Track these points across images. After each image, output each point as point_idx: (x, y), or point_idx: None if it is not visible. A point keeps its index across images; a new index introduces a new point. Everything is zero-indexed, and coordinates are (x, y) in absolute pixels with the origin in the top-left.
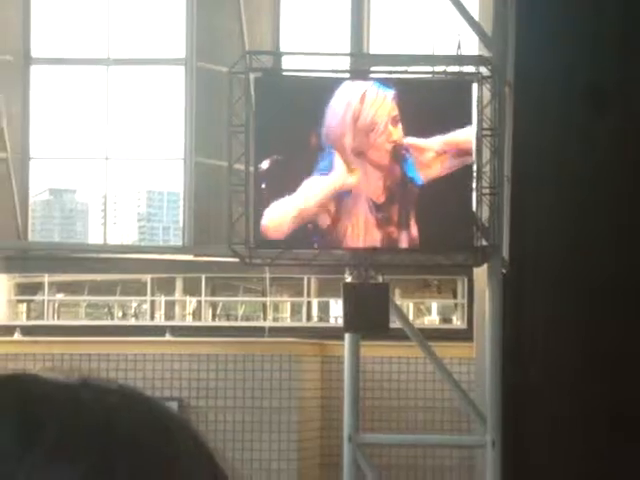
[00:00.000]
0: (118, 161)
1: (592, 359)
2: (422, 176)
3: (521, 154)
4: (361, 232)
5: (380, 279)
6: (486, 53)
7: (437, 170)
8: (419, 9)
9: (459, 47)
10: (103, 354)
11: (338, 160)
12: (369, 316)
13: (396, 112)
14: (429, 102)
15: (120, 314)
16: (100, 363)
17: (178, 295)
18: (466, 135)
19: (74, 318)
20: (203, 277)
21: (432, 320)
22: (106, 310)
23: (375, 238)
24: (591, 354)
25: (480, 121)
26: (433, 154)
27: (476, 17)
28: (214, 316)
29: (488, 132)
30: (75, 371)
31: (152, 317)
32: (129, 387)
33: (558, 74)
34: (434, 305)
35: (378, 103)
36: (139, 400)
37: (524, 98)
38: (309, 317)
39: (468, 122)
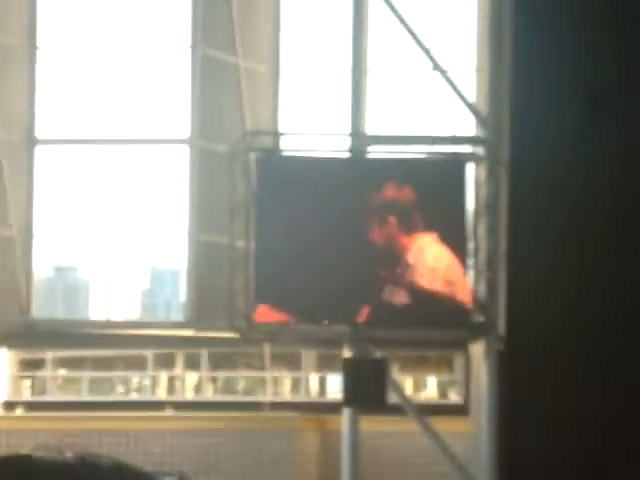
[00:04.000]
0: (121, 238)
1: (591, 435)
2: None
3: (516, 231)
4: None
5: (378, 354)
6: (482, 134)
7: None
8: (416, 91)
9: (456, 129)
10: (105, 429)
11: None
12: (368, 391)
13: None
14: (425, 183)
15: (122, 389)
16: (102, 438)
17: (179, 370)
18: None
19: (76, 393)
20: (204, 352)
21: (430, 395)
22: (108, 386)
23: (374, 314)
24: (590, 430)
25: (476, 200)
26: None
27: (472, 98)
28: (215, 391)
29: (484, 211)
30: (72, 448)
31: (153, 392)
32: (124, 464)
33: (552, 153)
34: (432, 380)
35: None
36: (135, 477)
37: (519, 177)
38: (308, 392)
39: (462, 201)
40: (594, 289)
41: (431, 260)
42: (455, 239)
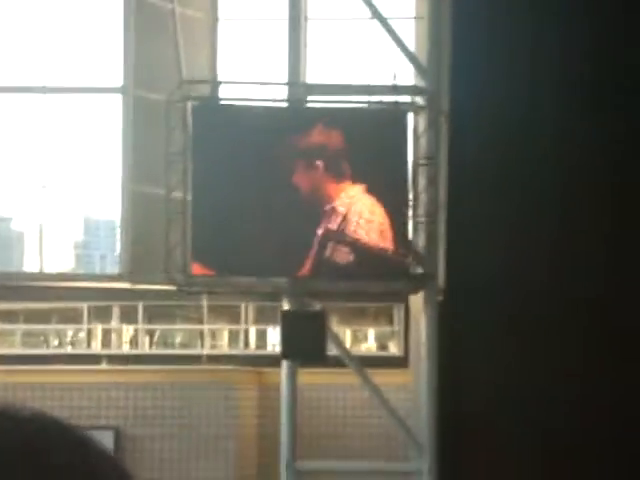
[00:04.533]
0: (54, 189)
1: (529, 386)
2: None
3: (457, 183)
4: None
5: (317, 306)
6: (422, 83)
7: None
8: (356, 39)
9: (395, 77)
10: (38, 383)
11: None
12: (307, 344)
13: (335, 146)
14: (365, 131)
15: (56, 342)
16: (35, 392)
17: (115, 323)
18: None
19: (9, 347)
20: (140, 305)
21: (369, 347)
22: (42, 338)
23: (312, 265)
24: (528, 381)
25: (416, 150)
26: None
27: (412, 48)
28: (151, 344)
29: (424, 161)
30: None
31: (89, 345)
32: (44, 415)
33: (493, 103)
34: (371, 332)
35: (320, 136)
36: (55, 427)
37: (459, 128)
38: (247, 345)
39: (404, 151)
40: (534, 239)
41: (366, 211)
42: (395, 189)
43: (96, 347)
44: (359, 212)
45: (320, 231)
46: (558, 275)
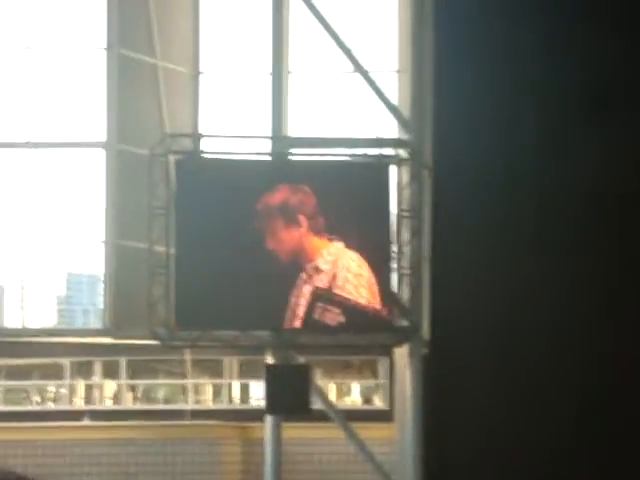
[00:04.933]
0: (37, 244)
1: (518, 439)
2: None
3: (440, 235)
4: (281, 312)
5: (301, 360)
6: (405, 136)
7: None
8: (338, 93)
9: (378, 131)
10: (21, 440)
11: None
12: (291, 398)
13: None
14: (348, 185)
15: (38, 399)
16: (17, 449)
17: (97, 379)
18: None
19: None
20: (123, 360)
21: (354, 400)
22: (24, 395)
23: (296, 319)
24: (517, 433)
25: (400, 203)
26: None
27: (394, 101)
28: (134, 399)
29: (407, 214)
30: None
31: (71, 401)
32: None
33: (477, 155)
34: (356, 386)
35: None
36: None
37: (443, 180)
38: (230, 399)
39: (387, 204)
40: (521, 291)
41: (354, 266)
42: (378, 243)
43: (78, 403)
44: (346, 267)
45: (308, 289)
46: (546, 323)
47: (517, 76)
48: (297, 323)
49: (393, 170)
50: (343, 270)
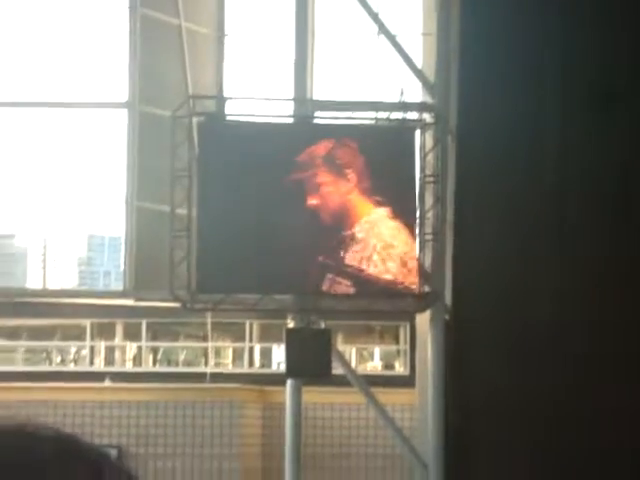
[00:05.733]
0: (59, 205)
1: (536, 405)
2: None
3: (463, 201)
4: (304, 276)
5: (322, 324)
6: (429, 100)
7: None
8: (363, 56)
9: (402, 94)
10: (42, 400)
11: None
12: (311, 362)
13: (344, 160)
14: (373, 149)
15: (59, 359)
16: (39, 409)
17: (118, 340)
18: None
19: (11, 364)
20: (144, 322)
21: (374, 366)
22: (44, 355)
23: (318, 283)
24: (535, 400)
25: (423, 168)
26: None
27: (419, 65)
28: (155, 362)
29: (431, 179)
30: (10, 419)
31: (92, 363)
32: (66, 434)
33: (500, 122)
34: (377, 351)
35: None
36: (72, 448)
37: (466, 145)
38: (251, 363)
39: (412, 169)
40: (541, 258)
41: (387, 237)
42: (404, 207)
43: (99, 364)
44: (379, 236)
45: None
46: (563, 295)
47: (544, 43)
48: (314, 282)
49: (417, 134)
50: (375, 239)
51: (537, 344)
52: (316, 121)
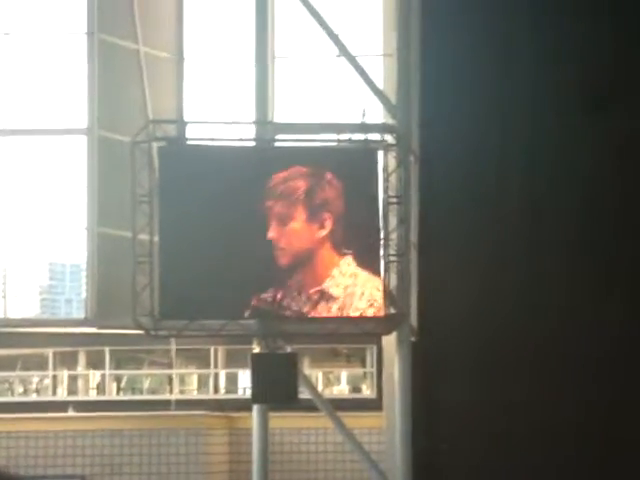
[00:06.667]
0: (18, 233)
1: (503, 423)
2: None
3: (427, 221)
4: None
5: (288, 349)
6: (391, 121)
7: None
8: (324, 77)
9: (364, 115)
10: (4, 431)
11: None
12: (278, 387)
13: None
14: (335, 171)
15: (21, 390)
16: (0, 441)
17: (81, 369)
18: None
19: None
20: (107, 350)
21: (341, 390)
22: (7, 386)
23: (287, 306)
24: (503, 418)
25: (386, 189)
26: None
27: (380, 86)
28: (119, 390)
29: (394, 200)
30: None
31: (54, 392)
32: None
33: (463, 141)
34: (343, 374)
35: (292, 175)
36: None
37: (429, 166)
38: (216, 389)
39: (374, 190)
40: (506, 278)
41: (348, 280)
42: (367, 230)
43: (62, 394)
44: (340, 282)
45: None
46: (528, 313)
47: (504, 61)
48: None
49: (380, 155)
50: (365, 288)
51: (505, 363)
52: (278, 144)
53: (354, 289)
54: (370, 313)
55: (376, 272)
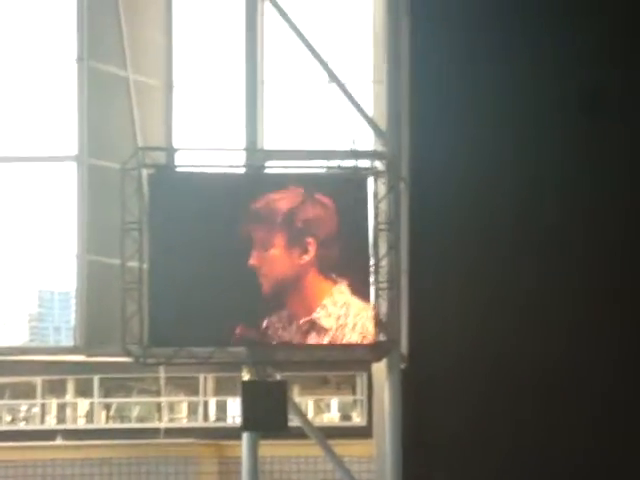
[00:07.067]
0: (7, 260)
1: (496, 455)
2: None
3: (418, 248)
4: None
5: (278, 376)
6: (381, 148)
7: None
8: (314, 104)
9: (354, 142)
10: None
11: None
12: (268, 415)
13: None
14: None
15: (9, 418)
16: None
17: (70, 397)
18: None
19: None
20: (96, 378)
21: (332, 417)
22: None
23: (285, 332)
24: (495, 450)
25: (376, 215)
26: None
27: (370, 112)
28: (108, 418)
29: (384, 226)
30: None
31: (43, 421)
32: None
33: (453, 167)
34: (334, 402)
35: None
36: None
37: (419, 192)
38: (206, 417)
39: (365, 217)
40: (498, 305)
41: (340, 310)
42: (358, 257)
43: (50, 422)
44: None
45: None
46: (520, 341)
47: (495, 88)
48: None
49: (370, 182)
50: (357, 319)
51: (496, 391)
52: (267, 171)
53: (346, 320)
54: (360, 340)
55: (368, 300)
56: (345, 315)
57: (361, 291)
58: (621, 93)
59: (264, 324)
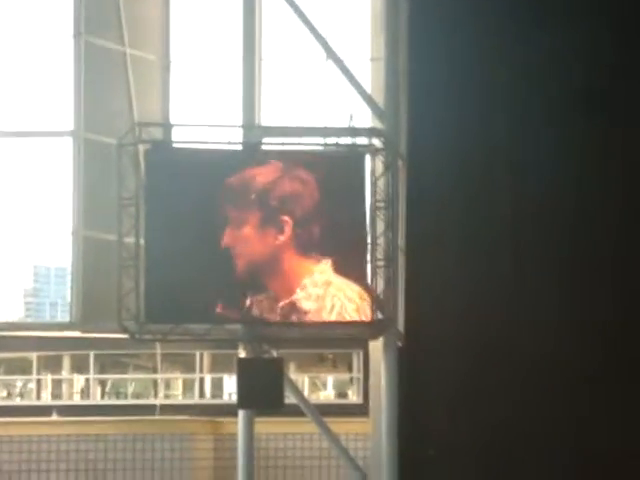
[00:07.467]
0: (3, 236)
1: (490, 432)
2: None
3: (415, 226)
4: (255, 305)
5: (274, 354)
6: (379, 125)
7: None
8: (311, 81)
9: (352, 119)
10: None
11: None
12: (264, 392)
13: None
14: (322, 174)
15: (5, 394)
16: None
17: (65, 373)
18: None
19: None
20: (92, 354)
21: (328, 395)
22: None
23: (270, 312)
24: (489, 427)
25: (374, 193)
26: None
27: (368, 90)
28: (103, 394)
29: (381, 204)
30: None
31: (38, 396)
32: None
33: (451, 144)
34: (330, 379)
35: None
36: None
37: (417, 170)
38: (202, 394)
39: (361, 194)
40: (496, 283)
41: (319, 290)
42: (355, 234)
43: (46, 398)
44: (339, 294)
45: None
46: (519, 320)
47: (492, 65)
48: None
49: (367, 159)
50: (335, 300)
51: (494, 371)
52: (264, 147)
53: (324, 302)
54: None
55: (359, 278)
56: (323, 296)
57: (351, 269)
58: (621, 93)
59: (247, 303)
